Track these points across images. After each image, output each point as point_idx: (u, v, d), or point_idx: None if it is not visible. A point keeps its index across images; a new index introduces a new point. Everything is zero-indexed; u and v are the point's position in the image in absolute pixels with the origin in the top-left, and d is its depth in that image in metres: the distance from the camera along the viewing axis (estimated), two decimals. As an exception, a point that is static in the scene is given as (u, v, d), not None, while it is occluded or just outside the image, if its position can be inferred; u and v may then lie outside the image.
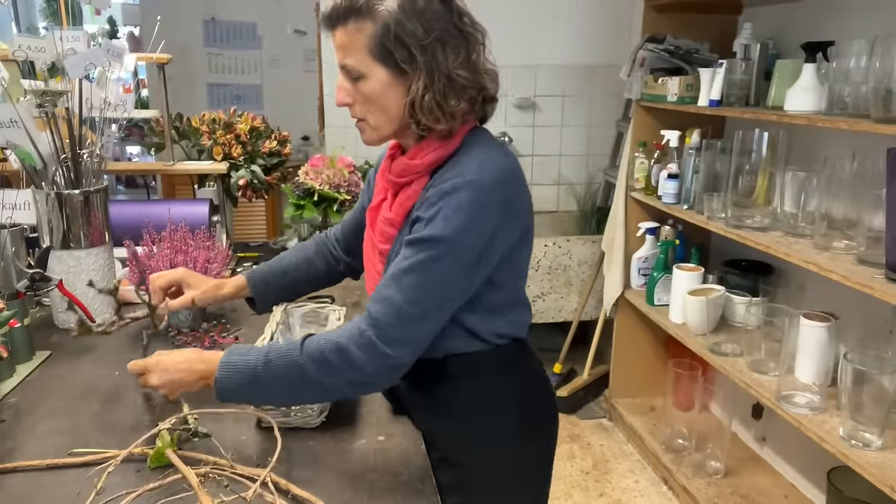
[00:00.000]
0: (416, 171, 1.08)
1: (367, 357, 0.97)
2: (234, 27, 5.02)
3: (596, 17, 3.35)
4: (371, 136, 1.10)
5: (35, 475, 0.99)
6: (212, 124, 2.19)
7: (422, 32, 1.00)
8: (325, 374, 0.98)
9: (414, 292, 0.98)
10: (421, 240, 0.99)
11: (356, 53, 1.02)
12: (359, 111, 1.08)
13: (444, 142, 1.06)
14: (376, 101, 1.04)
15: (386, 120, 1.07)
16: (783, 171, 2.03)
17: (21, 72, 1.63)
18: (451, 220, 0.98)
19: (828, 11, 2.16)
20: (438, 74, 1.01)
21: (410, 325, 0.98)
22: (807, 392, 1.85)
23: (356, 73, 1.03)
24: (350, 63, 1.03)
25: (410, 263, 0.99)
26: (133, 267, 1.48)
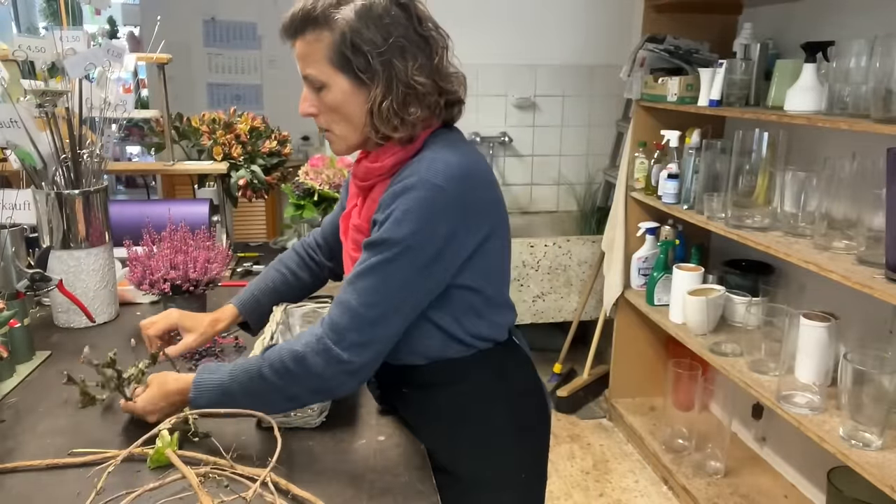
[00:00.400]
0: (377, 175, 1.08)
1: (325, 363, 0.98)
2: (234, 27, 5.02)
3: (596, 17, 3.35)
4: (339, 146, 1.10)
5: (35, 475, 0.99)
6: (212, 124, 2.19)
7: (380, 40, 0.99)
8: (286, 383, 1.00)
9: (370, 295, 0.98)
10: (374, 243, 0.99)
11: (316, 63, 1.02)
12: (323, 121, 1.08)
13: (404, 145, 1.06)
14: (339, 110, 1.04)
15: (351, 129, 1.06)
16: (783, 171, 2.03)
17: (21, 72, 1.63)
18: (402, 221, 0.97)
19: (828, 11, 2.16)
20: (396, 82, 1.00)
21: (367, 328, 0.98)
22: (807, 392, 1.85)
23: (318, 82, 1.03)
24: (311, 73, 1.03)
25: (364, 267, 0.99)
26: (133, 267, 1.48)
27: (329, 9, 1.00)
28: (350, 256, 1.14)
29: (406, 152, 1.06)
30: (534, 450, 1.22)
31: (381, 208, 1.01)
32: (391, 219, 0.98)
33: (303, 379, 0.99)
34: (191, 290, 1.46)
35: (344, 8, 0.99)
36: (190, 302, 1.48)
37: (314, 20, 1.01)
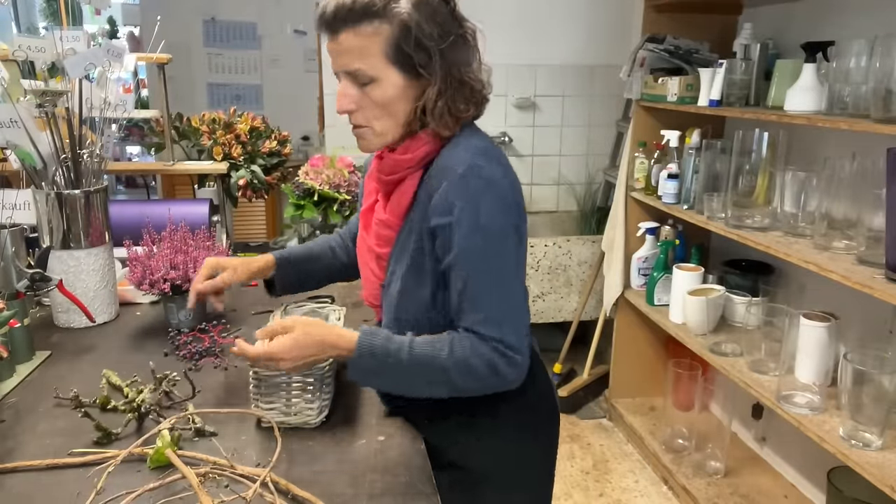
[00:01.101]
0: (407, 167, 1.05)
1: (509, 365, 1.01)
2: (234, 27, 5.02)
3: (596, 17, 3.35)
4: (373, 143, 1.07)
5: (35, 475, 0.99)
6: (212, 124, 2.19)
7: (436, 35, 0.98)
8: (467, 381, 1.01)
9: (501, 294, 1.01)
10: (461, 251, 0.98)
11: (369, 57, 0.98)
12: (362, 118, 1.04)
13: (432, 135, 1.04)
14: (387, 106, 1.01)
15: (394, 125, 1.04)
16: (783, 171, 2.03)
17: (21, 72, 1.63)
18: (479, 212, 0.97)
19: (828, 11, 2.16)
20: (451, 78, 1.00)
21: (519, 324, 1.02)
22: (807, 392, 1.85)
23: (366, 77, 1.00)
24: (360, 67, 0.99)
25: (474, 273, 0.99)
26: (133, 267, 1.48)
27: (389, 1, 0.97)
28: (373, 252, 1.12)
29: (437, 143, 1.04)
30: (544, 448, 1.22)
31: (437, 210, 1.00)
32: (465, 215, 0.97)
33: (487, 380, 1.01)
34: (191, 290, 1.46)
35: (402, 1, 0.97)
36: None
37: (374, 12, 0.96)
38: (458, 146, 1.03)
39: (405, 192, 1.06)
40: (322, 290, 1.44)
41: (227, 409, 1.14)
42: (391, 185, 1.08)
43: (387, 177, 1.08)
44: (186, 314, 1.49)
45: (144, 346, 1.43)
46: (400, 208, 1.07)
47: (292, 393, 1.09)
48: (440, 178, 1.01)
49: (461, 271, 1.00)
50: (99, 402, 1.15)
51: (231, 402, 1.19)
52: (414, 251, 1.05)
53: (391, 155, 1.07)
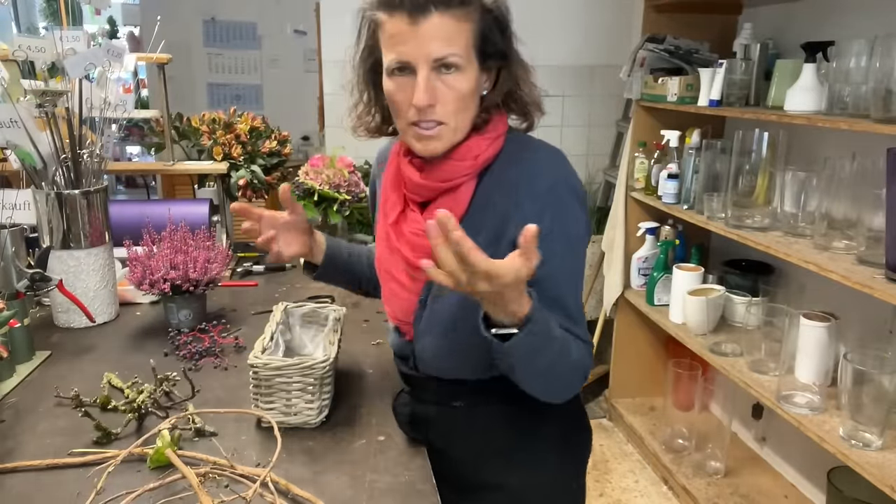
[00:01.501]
0: (465, 174, 0.99)
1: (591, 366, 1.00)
2: (234, 27, 5.02)
3: (596, 17, 3.35)
4: (446, 142, 0.97)
5: (35, 475, 0.99)
6: (212, 124, 2.18)
7: (508, 22, 0.97)
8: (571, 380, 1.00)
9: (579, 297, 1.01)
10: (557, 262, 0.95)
11: (460, 44, 0.92)
12: (442, 113, 0.94)
13: (492, 139, 1.00)
14: (467, 98, 0.95)
15: (468, 119, 0.98)
16: (783, 171, 2.03)
17: (21, 72, 1.63)
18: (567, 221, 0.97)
19: (828, 11, 2.16)
20: (523, 66, 1.01)
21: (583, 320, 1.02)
22: (807, 392, 1.85)
23: (455, 66, 0.92)
24: (454, 52, 0.91)
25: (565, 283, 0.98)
26: (133, 267, 1.48)
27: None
28: (408, 263, 1.03)
29: (495, 147, 1.01)
30: (577, 461, 1.19)
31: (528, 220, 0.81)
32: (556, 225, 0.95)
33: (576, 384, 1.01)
34: (191, 290, 1.46)
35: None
36: (190, 302, 1.48)
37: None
38: (538, 153, 1.01)
39: (460, 201, 0.99)
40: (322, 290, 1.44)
41: (226, 409, 1.13)
42: (437, 193, 1.01)
43: (440, 183, 1.00)
44: (186, 314, 1.49)
45: (144, 346, 1.43)
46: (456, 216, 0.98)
47: (292, 393, 1.09)
48: (527, 187, 0.97)
49: (554, 283, 0.96)
50: (99, 401, 1.15)
51: (231, 402, 1.19)
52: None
53: (449, 161, 0.99)
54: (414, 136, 0.98)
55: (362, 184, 2.02)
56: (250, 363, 1.07)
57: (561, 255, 0.96)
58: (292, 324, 1.34)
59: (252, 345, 1.14)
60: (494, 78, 1.02)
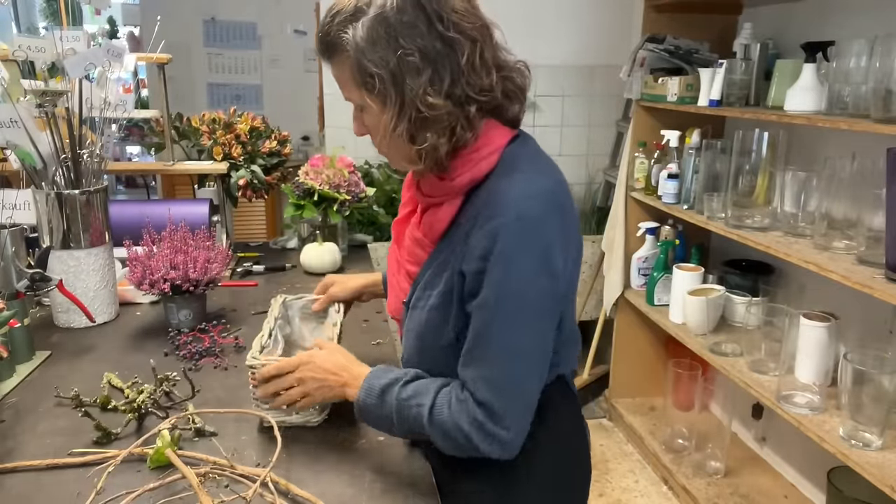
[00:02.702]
0: (445, 193, 0.98)
1: (490, 443, 0.92)
2: (234, 27, 5.02)
3: (596, 17, 3.35)
4: (398, 166, 1.05)
5: (35, 475, 0.99)
6: (212, 124, 2.18)
7: (390, 56, 0.89)
8: (447, 446, 0.95)
9: (509, 362, 0.92)
10: (485, 301, 0.90)
11: (347, 86, 0.97)
12: (376, 142, 1.01)
13: (478, 160, 0.95)
14: (380, 132, 0.96)
15: (397, 152, 0.99)
16: (783, 171, 2.03)
17: (21, 72, 1.63)
18: (511, 266, 0.89)
19: (828, 11, 2.16)
20: (407, 105, 0.90)
21: (518, 399, 0.93)
22: (807, 392, 1.85)
23: (357, 105, 0.98)
24: (348, 96, 0.98)
25: (486, 330, 0.91)
26: (133, 267, 1.48)
27: (340, 31, 0.92)
28: (404, 269, 1.07)
29: (479, 170, 0.95)
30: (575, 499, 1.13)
31: (471, 258, 0.91)
32: (499, 269, 0.89)
33: (465, 449, 0.94)
34: (191, 290, 1.46)
35: (356, 25, 0.90)
36: (190, 302, 1.48)
37: (331, 46, 0.95)
38: (514, 182, 0.92)
39: (441, 219, 0.99)
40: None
41: (226, 409, 1.14)
42: (426, 205, 1.03)
43: (427, 197, 1.01)
44: (187, 314, 1.49)
45: (144, 346, 1.43)
46: (433, 232, 1.01)
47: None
48: (484, 217, 0.91)
49: (479, 321, 0.92)
50: (99, 401, 1.15)
51: (231, 402, 1.19)
52: (444, 289, 0.97)
53: (432, 177, 0.99)
54: None
55: (362, 184, 2.02)
56: (248, 364, 1.08)
57: (496, 299, 0.90)
58: (291, 316, 1.34)
59: (252, 344, 1.14)
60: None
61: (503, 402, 0.91)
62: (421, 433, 0.97)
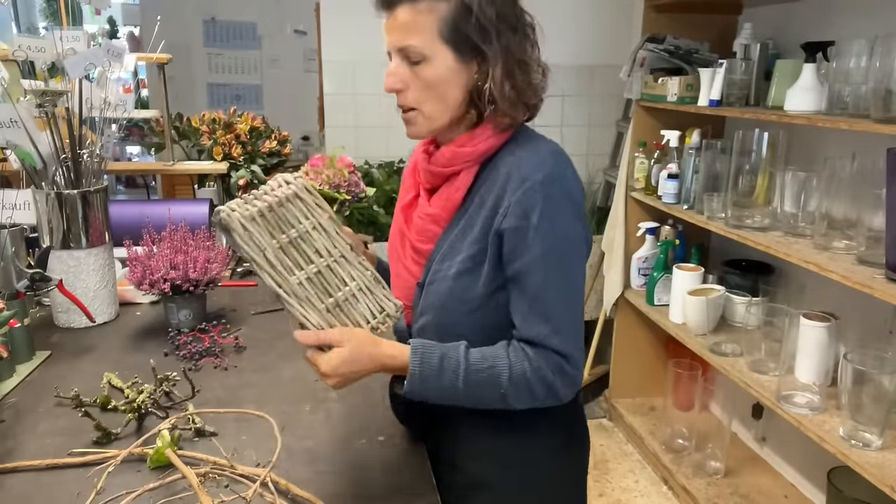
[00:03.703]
0: (465, 160, 1.02)
1: (566, 385, 0.99)
2: (234, 27, 5.02)
3: (596, 17, 3.35)
4: (421, 128, 1.03)
5: (35, 475, 0.99)
6: (212, 124, 2.19)
7: (495, 14, 0.96)
8: (522, 401, 0.98)
9: (570, 306, 0.99)
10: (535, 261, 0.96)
11: (423, 34, 0.96)
12: (412, 99, 1.00)
13: (494, 130, 1.01)
14: (437, 87, 0.98)
15: (443, 109, 1.00)
16: (783, 171, 2.03)
17: (21, 72, 1.63)
18: (555, 219, 0.96)
19: (828, 11, 2.16)
20: (512, 63, 0.98)
21: (580, 338, 1.00)
22: (807, 392, 1.85)
23: (418, 55, 0.97)
24: (414, 44, 0.96)
25: (548, 284, 0.97)
26: (133, 267, 1.48)
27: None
28: (413, 247, 1.08)
29: (498, 139, 1.01)
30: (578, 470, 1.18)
31: (514, 213, 0.96)
32: (544, 223, 0.95)
33: (544, 399, 0.99)
34: (191, 290, 1.46)
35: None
36: (190, 302, 1.48)
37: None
38: (533, 148, 1.00)
39: (458, 187, 1.03)
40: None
41: (226, 409, 1.14)
42: (441, 179, 1.05)
43: (441, 168, 1.04)
44: (187, 314, 1.49)
45: (144, 346, 1.43)
46: (451, 203, 1.04)
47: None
48: (518, 179, 0.97)
49: (534, 279, 0.97)
50: (99, 401, 1.15)
51: (231, 402, 1.19)
52: (473, 251, 1.00)
53: (450, 146, 1.03)
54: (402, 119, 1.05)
55: (362, 184, 2.02)
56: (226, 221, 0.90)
57: (544, 253, 0.96)
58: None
59: (252, 344, 1.13)
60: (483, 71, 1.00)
61: (573, 344, 0.99)
62: (490, 394, 0.97)
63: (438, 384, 0.97)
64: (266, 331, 1.50)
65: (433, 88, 0.99)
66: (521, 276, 0.98)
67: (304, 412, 1.17)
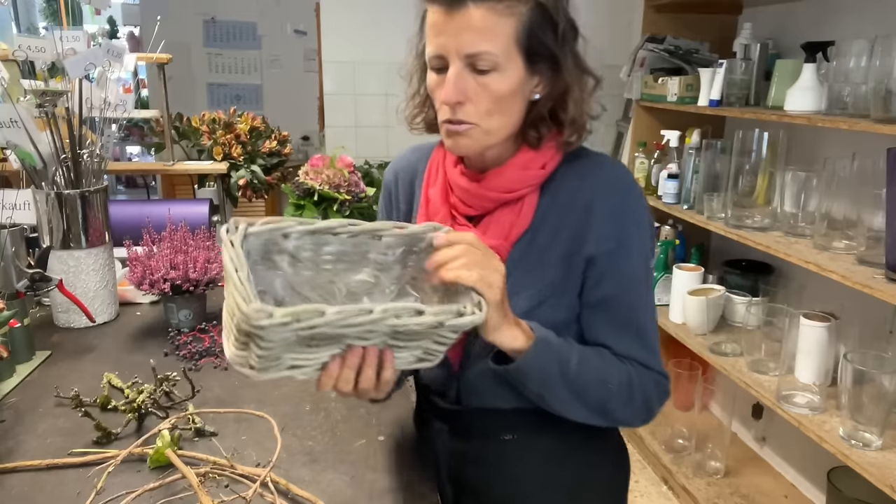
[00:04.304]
0: (531, 183, 0.92)
1: (660, 402, 0.97)
2: (234, 27, 5.02)
3: (596, 17, 3.35)
4: (476, 145, 0.90)
5: (35, 475, 0.99)
6: (212, 124, 2.19)
7: (565, 21, 0.88)
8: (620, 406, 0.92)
9: (656, 325, 0.97)
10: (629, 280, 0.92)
11: (499, 39, 0.83)
12: (474, 113, 0.87)
13: (554, 149, 0.93)
14: (505, 101, 0.87)
15: (506, 125, 0.90)
16: (783, 171, 2.04)
17: (21, 72, 1.63)
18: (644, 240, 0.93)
19: (828, 11, 2.16)
20: (578, 70, 0.90)
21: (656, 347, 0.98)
22: (807, 392, 1.86)
23: (490, 64, 0.84)
24: (489, 51, 0.83)
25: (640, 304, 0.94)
26: (133, 267, 1.48)
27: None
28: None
29: (558, 157, 0.93)
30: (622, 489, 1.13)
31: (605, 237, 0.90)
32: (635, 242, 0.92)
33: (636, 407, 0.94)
34: (191, 290, 1.46)
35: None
36: (190, 302, 1.48)
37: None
38: (597, 165, 0.94)
39: (524, 214, 0.93)
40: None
41: (226, 409, 1.14)
42: (494, 204, 0.94)
43: (500, 193, 0.92)
44: (187, 314, 1.49)
45: (144, 346, 1.43)
46: (516, 231, 0.93)
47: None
48: (602, 199, 0.91)
49: (628, 301, 0.93)
50: (99, 401, 1.15)
51: (231, 402, 1.19)
52: (549, 280, 0.92)
53: (511, 168, 0.92)
54: (445, 133, 0.92)
55: (362, 184, 2.02)
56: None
57: (642, 280, 0.93)
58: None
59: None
60: (548, 83, 0.92)
61: (661, 365, 0.96)
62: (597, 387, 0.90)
63: (557, 356, 0.87)
64: (266, 331, 1.50)
65: (501, 102, 0.87)
66: (612, 300, 0.92)
67: (304, 412, 1.17)
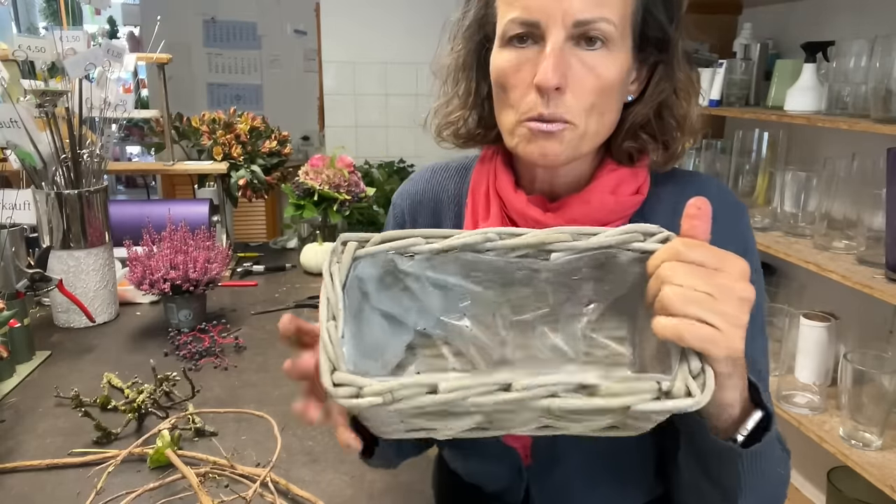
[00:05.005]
0: (624, 215, 0.72)
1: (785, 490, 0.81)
2: (234, 27, 5.02)
3: (596, 17, 3.35)
4: (568, 152, 0.68)
5: (35, 475, 0.99)
6: (212, 124, 2.18)
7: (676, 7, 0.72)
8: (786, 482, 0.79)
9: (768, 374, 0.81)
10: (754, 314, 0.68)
11: (616, 7, 0.65)
12: (573, 106, 0.65)
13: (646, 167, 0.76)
14: (609, 91, 0.67)
15: (603, 128, 0.69)
16: (783, 171, 2.04)
17: (21, 72, 1.63)
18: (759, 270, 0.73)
19: (828, 11, 2.16)
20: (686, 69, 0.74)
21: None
22: (807, 392, 1.85)
23: (604, 35, 0.64)
24: (607, 17, 0.64)
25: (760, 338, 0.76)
26: (133, 267, 1.48)
27: None
28: None
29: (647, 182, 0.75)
30: None
31: None
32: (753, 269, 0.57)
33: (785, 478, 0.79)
34: (191, 290, 1.46)
35: None
36: (190, 302, 1.48)
37: None
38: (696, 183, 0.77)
39: None
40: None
41: (226, 409, 1.14)
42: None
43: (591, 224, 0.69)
44: (186, 314, 1.49)
45: (144, 346, 1.43)
46: None
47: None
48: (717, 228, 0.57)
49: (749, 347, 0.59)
50: (99, 401, 1.15)
51: (231, 402, 1.19)
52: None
53: (599, 194, 0.72)
54: (523, 138, 0.68)
55: (362, 184, 2.02)
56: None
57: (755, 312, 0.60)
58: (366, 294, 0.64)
59: (252, 344, 1.13)
60: (645, 80, 0.74)
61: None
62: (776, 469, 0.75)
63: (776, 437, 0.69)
64: (266, 331, 1.50)
65: (605, 94, 0.66)
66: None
67: (304, 412, 1.17)
